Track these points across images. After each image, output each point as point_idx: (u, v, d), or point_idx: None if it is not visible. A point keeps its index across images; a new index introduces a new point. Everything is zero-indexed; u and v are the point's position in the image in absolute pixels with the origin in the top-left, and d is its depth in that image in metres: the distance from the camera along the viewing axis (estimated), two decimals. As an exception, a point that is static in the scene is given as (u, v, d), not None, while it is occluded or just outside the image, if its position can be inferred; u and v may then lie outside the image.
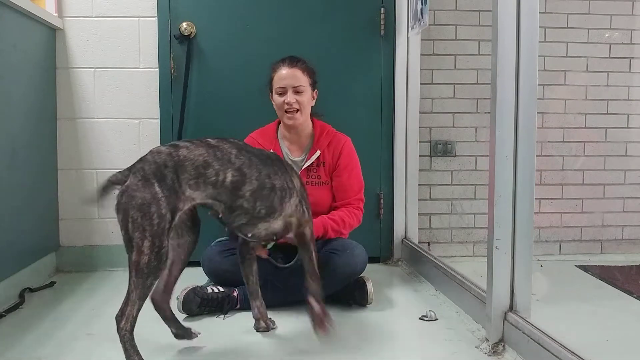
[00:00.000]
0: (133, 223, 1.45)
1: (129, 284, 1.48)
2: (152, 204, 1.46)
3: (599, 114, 3.03)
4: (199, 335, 1.75)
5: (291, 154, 2.25)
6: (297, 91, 2.14)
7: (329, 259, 2.06)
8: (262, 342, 1.78)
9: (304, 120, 2.20)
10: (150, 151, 1.55)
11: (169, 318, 1.72)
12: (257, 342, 1.78)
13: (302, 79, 2.14)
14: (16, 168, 2.20)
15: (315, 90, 2.23)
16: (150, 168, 1.49)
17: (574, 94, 3.01)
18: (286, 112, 2.15)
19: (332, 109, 2.48)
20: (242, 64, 2.72)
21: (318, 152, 2.21)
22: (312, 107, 2.25)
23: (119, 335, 1.49)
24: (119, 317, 1.50)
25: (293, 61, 2.16)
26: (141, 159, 1.53)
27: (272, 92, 2.20)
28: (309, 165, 2.21)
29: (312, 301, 1.72)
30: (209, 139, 1.63)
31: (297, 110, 2.15)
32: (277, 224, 1.72)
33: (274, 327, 1.90)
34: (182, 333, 1.73)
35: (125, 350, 1.49)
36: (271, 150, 1.97)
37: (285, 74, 2.14)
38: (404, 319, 2.03)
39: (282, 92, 2.15)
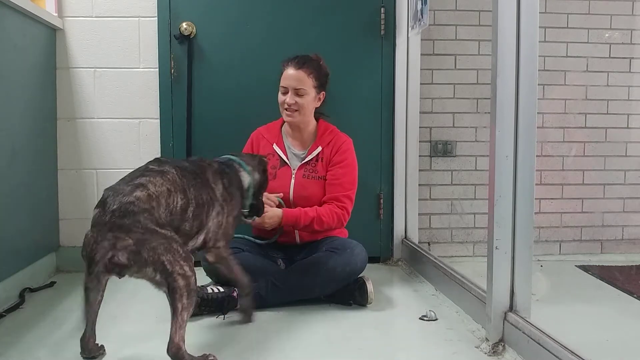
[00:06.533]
0: (170, 263, 1.48)
1: (178, 308, 1.49)
2: (171, 242, 1.50)
3: (599, 114, 3.03)
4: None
5: (294, 148, 2.30)
6: (297, 94, 2.17)
7: (328, 258, 2.06)
8: (262, 342, 1.78)
9: (302, 119, 2.23)
10: (130, 202, 1.48)
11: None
12: (257, 342, 1.78)
13: (305, 82, 2.17)
14: (16, 168, 2.20)
15: (323, 92, 2.25)
16: (145, 218, 1.48)
17: (574, 94, 3.01)
18: (286, 109, 2.20)
19: (332, 108, 2.48)
20: (242, 63, 2.72)
21: (319, 148, 2.26)
22: (319, 107, 2.29)
23: None
24: (177, 350, 1.48)
25: (300, 62, 2.18)
26: (126, 214, 1.46)
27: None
28: (308, 160, 2.25)
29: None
30: (151, 165, 1.65)
31: (296, 110, 2.18)
32: (200, 239, 1.77)
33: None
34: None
35: None
36: (195, 158, 1.92)
37: (290, 75, 2.18)
38: (404, 319, 2.03)
39: (285, 92, 2.19)
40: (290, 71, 2.18)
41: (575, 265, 2.85)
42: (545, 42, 2.89)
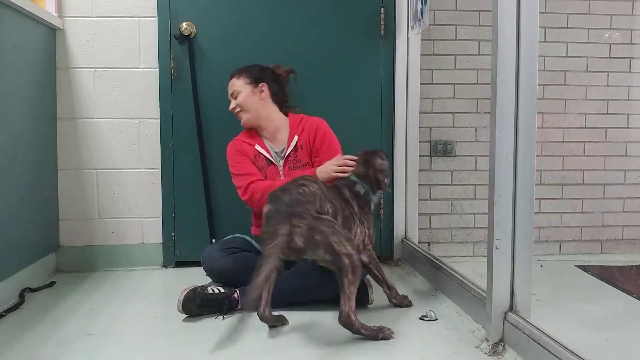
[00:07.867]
0: (337, 244, 1.71)
1: (345, 283, 1.70)
2: (334, 225, 1.76)
3: (599, 114, 3.03)
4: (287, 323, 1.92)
5: (274, 147, 2.35)
6: (233, 96, 2.34)
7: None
8: (261, 343, 1.78)
9: (252, 115, 2.33)
10: (299, 193, 1.79)
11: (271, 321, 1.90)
12: (256, 344, 1.78)
13: (236, 85, 2.34)
14: (16, 168, 2.20)
15: (262, 83, 2.34)
16: (312, 207, 1.77)
17: (574, 94, 3.01)
18: (236, 116, 2.34)
19: (332, 108, 2.49)
20: (243, 63, 2.70)
21: (296, 138, 2.32)
22: (284, 101, 2.40)
23: (358, 332, 1.72)
24: (347, 319, 1.70)
25: (233, 73, 2.37)
26: (297, 203, 1.75)
27: None
28: (289, 152, 2.31)
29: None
30: (300, 180, 1.90)
31: (240, 111, 2.32)
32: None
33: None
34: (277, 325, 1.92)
35: (369, 335, 1.75)
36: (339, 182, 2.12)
37: (228, 86, 2.37)
38: (404, 319, 2.03)
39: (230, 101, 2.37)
40: (228, 84, 2.37)
41: (575, 265, 2.85)
42: (545, 42, 2.90)
